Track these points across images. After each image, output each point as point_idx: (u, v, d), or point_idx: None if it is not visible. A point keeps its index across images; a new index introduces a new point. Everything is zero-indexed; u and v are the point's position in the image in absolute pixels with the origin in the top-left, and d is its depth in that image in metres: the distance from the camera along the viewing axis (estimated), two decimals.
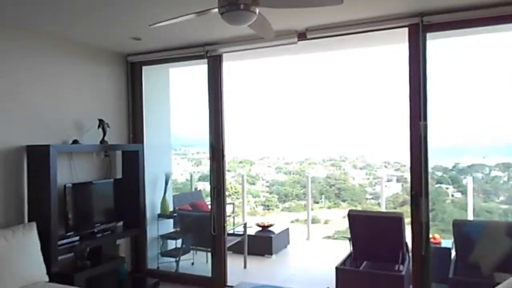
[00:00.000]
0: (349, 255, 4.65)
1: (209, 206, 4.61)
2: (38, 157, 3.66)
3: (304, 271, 5.33)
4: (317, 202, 11.08)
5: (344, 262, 4.43)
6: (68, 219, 3.87)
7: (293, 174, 11.56)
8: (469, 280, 4.02)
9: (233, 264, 5.51)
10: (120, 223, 4.51)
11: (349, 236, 4.62)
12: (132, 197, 4.60)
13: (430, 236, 3.91)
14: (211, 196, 4.54)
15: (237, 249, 5.60)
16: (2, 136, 3.57)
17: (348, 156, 11.13)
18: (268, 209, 11.58)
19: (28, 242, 3.35)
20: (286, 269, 5.39)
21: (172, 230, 5.48)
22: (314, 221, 9.63)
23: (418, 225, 3.70)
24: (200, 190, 7.18)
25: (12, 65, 3.69)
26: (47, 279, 3.39)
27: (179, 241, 5.30)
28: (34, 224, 3.49)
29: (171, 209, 5.40)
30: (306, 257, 6.04)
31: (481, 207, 6.96)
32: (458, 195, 8.17)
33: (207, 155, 4.63)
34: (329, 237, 8.43)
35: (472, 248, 4.23)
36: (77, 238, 3.96)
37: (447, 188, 8.45)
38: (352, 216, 4.52)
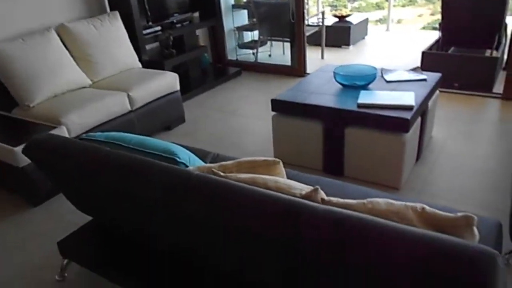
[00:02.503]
0: (437, 41, 4.36)
1: None
2: None
3: (382, 59, 5.19)
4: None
5: (431, 47, 4.19)
6: (146, 10, 3.87)
7: None
8: None
9: (310, 55, 5.48)
10: (196, 14, 4.47)
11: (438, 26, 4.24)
12: None
13: None
14: None
15: (313, 40, 5.47)
16: None
17: None
18: (336, 9, 10.84)
19: (116, 30, 3.47)
20: (364, 58, 5.26)
21: (247, 22, 5.37)
22: (384, 21, 8.92)
23: None
24: None
25: None
26: (140, 65, 3.63)
27: (256, 32, 5.25)
28: (117, 13, 3.55)
29: None
30: (386, 46, 5.80)
31: None
32: None
33: None
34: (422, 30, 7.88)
35: None
36: (158, 28, 4.03)
37: None
38: None
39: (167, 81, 3.36)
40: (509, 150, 2.80)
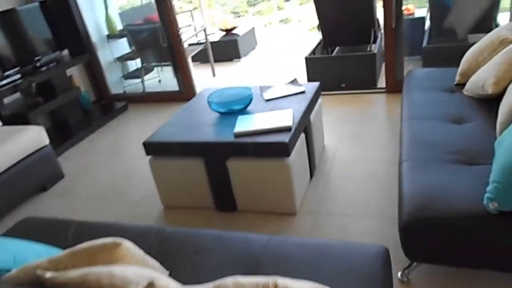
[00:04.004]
0: (319, 43, 4.38)
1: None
2: None
3: (273, 67, 5.14)
4: (288, 0, 10.31)
5: (314, 51, 4.18)
6: (0, 57, 3.40)
7: None
8: (443, 46, 3.86)
9: (202, 74, 5.30)
10: (65, 52, 4.04)
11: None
12: (67, 20, 4.01)
13: (403, 8, 3.57)
14: (156, 3, 3.95)
15: (204, 58, 5.29)
16: None
17: None
18: (239, 16, 10.86)
19: None
20: (256, 69, 5.18)
21: (129, 50, 5.03)
22: (287, 21, 9.08)
23: None
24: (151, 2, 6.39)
25: None
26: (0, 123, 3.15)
27: (139, 60, 4.93)
28: None
29: (120, 27, 4.84)
30: (277, 54, 5.78)
31: None
32: None
33: None
34: (305, 32, 8.05)
35: (447, 13, 3.94)
36: (18, 76, 3.56)
37: None
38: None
39: (31, 137, 2.92)
40: (396, 147, 2.79)
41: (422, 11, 4.44)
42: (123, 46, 4.97)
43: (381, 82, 3.82)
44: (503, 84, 2.10)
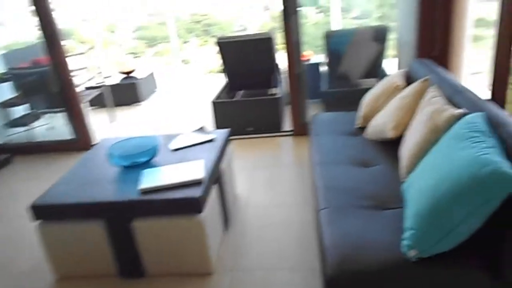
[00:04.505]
0: (225, 87, 4.37)
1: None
2: None
3: (176, 112, 5.00)
4: (187, 42, 10.39)
5: (219, 95, 4.15)
6: None
7: (157, 15, 10.31)
8: (341, 90, 4.10)
9: (100, 119, 4.94)
10: None
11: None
12: None
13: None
14: (46, 44, 3.61)
15: (103, 102, 4.94)
16: None
17: None
18: (137, 57, 10.62)
19: None
20: (159, 114, 4.97)
21: (13, 95, 4.50)
22: (187, 61, 9.10)
23: (291, 44, 3.43)
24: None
25: None
26: None
27: (27, 106, 4.42)
28: None
29: (2, 70, 4.33)
30: (178, 98, 5.65)
31: (339, 24, 7.05)
32: (319, 15, 8.24)
33: None
34: (205, 74, 8.11)
35: (341, 60, 4.22)
36: None
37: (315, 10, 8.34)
38: (222, 44, 4.08)
39: None
40: (307, 189, 2.80)
41: (317, 57, 4.71)
42: (6, 91, 4.43)
43: (287, 125, 3.89)
44: (401, 128, 2.23)
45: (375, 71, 4.20)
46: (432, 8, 2.95)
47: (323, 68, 4.41)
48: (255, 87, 4.38)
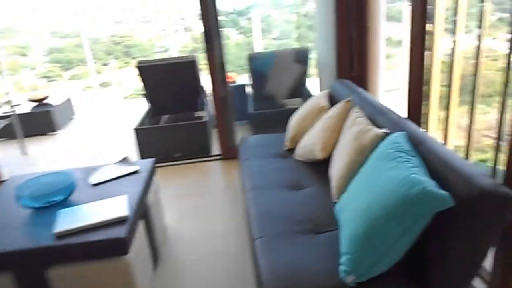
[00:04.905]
0: (148, 112, 4.19)
1: None
2: None
3: (99, 140, 4.69)
4: (106, 64, 9.96)
5: (143, 121, 3.96)
6: None
7: (72, 37, 9.78)
8: (267, 111, 4.12)
9: (9, 152, 4.48)
10: None
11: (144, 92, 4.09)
12: None
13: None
14: None
15: (12, 133, 4.49)
16: None
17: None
18: (52, 81, 9.94)
19: None
20: (77, 145, 4.63)
21: None
22: (107, 84, 8.70)
23: (215, 66, 3.38)
24: None
25: None
26: None
27: None
28: None
29: None
30: (98, 125, 5.33)
31: (261, 45, 7.23)
32: (240, 36, 8.39)
33: None
34: (126, 98, 7.79)
35: (265, 81, 4.27)
36: None
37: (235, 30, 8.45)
38: (143, 68, 3.92)
39: None
40: (240, 216, 2.72)
41: (242, 79, 4.72)
42: None
43: (216, 149, 3.81)
44: (329, 149, 2.25)
45: (300, 91, 4.29)
46: (347, 29, 3.08)
47: (250, 90, 4.42)
48: (180, 111, 4.26)
